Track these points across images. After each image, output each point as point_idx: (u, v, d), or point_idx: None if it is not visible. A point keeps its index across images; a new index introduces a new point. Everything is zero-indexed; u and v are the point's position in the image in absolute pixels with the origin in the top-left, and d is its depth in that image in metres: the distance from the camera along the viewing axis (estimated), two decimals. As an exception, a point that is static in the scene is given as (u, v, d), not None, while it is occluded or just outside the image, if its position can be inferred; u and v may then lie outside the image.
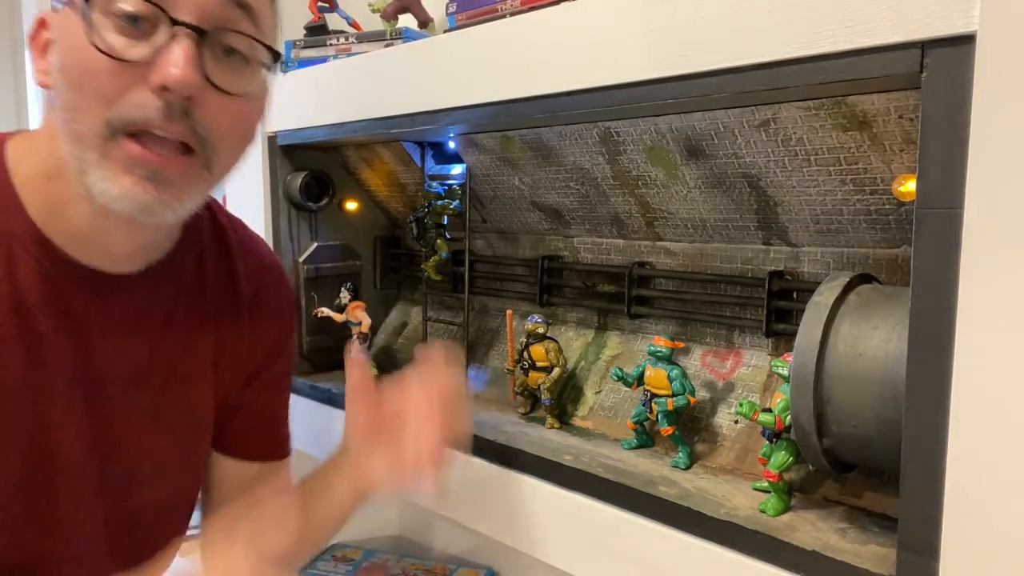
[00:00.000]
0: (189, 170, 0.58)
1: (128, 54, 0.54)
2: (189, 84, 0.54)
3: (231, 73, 0.58)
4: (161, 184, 0.56)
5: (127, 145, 0.55)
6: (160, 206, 0.57)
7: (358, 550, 1.26)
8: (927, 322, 0.48)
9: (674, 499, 0.65)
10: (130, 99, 0.54)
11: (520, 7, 0.78)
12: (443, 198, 1.00)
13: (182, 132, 0.56)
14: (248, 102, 0.61)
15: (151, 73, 0.54)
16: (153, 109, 0.54)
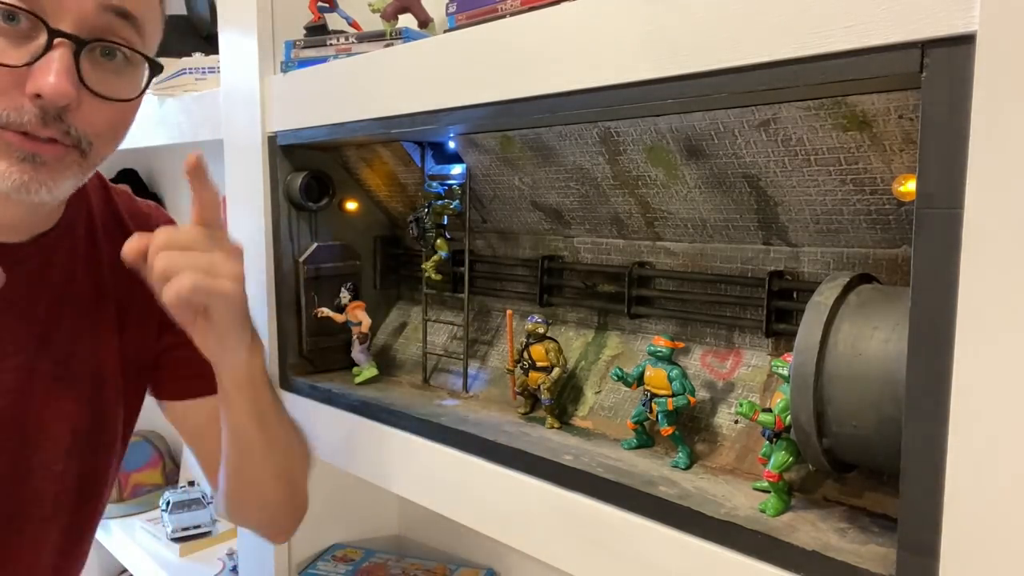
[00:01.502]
0: (64, 155, 0.60)
1: (5, 58, 0.56)
2: (64, 95, 0.56)
3: (110, 76, 0.60)
4: (37, 166, 0.59)
5: (4, 134, 0.57)
6: (36, 185, 0.59)
7: (358, 550, 1.27)
8: (927, 322, 0.48)
9: (674, 499, 0.65)
10: (7, 101, 0.56)
11: (520, 7, 0.78)
12: (443, 198, 1.00)
13: (56, 133, 0.59)
14: (125, 104, 0.63)
15: (27, 79, 0.56)
16: (29, 114, 0.57)
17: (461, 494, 0.84)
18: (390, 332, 1.19)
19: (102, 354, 0.75)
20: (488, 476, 0.80)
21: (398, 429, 0.92)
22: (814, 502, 0.66)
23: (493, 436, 0.82)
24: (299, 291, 1.09)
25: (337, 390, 1.03)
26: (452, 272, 1.06)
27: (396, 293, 1.22)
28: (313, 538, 1.25)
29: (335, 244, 1.13)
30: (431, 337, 1.08)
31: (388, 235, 1.20)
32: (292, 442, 0.81)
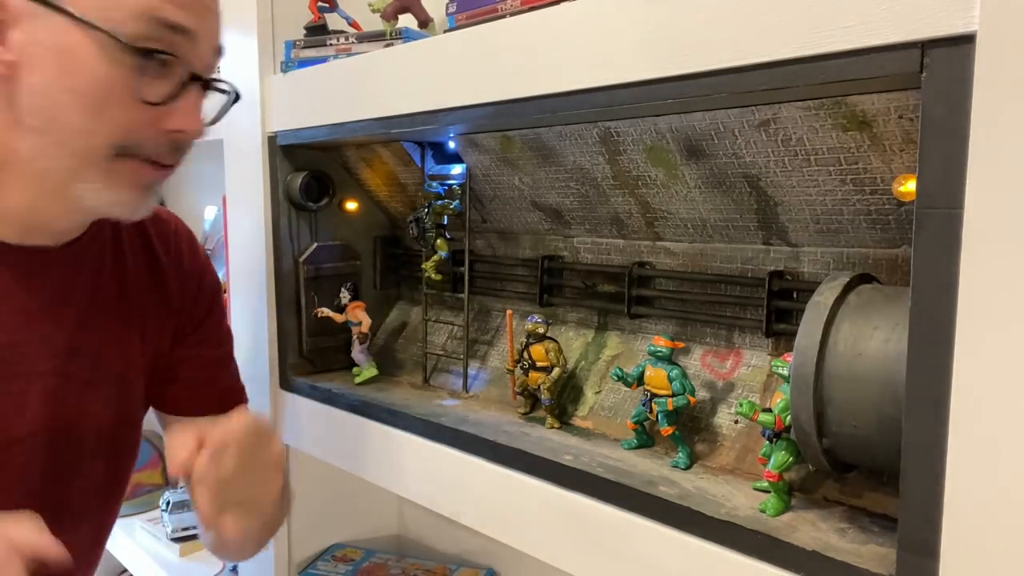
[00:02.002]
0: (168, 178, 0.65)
1: (150, 95, 0.59)
2: (202, 133, 0.63)
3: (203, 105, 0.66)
4: (152, 193, 0.64)
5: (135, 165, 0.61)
6: (144, 208, 0.64)
7: (358, 550, 1.27)
8: (927, 322, 0.48)
9: (674, 499, 0.65)
10: (143, 133, 0.60)
11: (520, 7, 0.78)
12: (443, 198, 1.00)
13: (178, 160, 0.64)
14: None
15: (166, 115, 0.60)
16: (165, 147, 0.61)
17: (461, 494, 0.84)
18: (390, 332, 1.19)
19: (127, 357, 0.76)
20: (488, 476, 0.80)
21: (398, 429, 0.92)
22: (814, 502, 0.66)
23: (493, 436, 0.82)
24: (299, 291, 1.09)
25: (337, 390, 1.03)
26: (452, 272, 1.06)
27: (396, 293, 1.22)
28: (313, 538, 1.25)
29: (335, 244, 1.13)
30: (431, 337, 1.08)
31: (388, 235, 1.20)
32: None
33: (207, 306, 0.85)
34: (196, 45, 0.61)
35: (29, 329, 0.67)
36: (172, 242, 0.82)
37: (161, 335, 0.80)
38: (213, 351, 0.86)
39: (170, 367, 0.81)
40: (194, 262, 0.85)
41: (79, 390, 0.71)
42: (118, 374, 0.75)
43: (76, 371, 0.70)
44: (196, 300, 0.83)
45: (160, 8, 0.58)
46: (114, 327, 0.74)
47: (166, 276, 0.80)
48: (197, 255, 0.86)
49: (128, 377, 0.76)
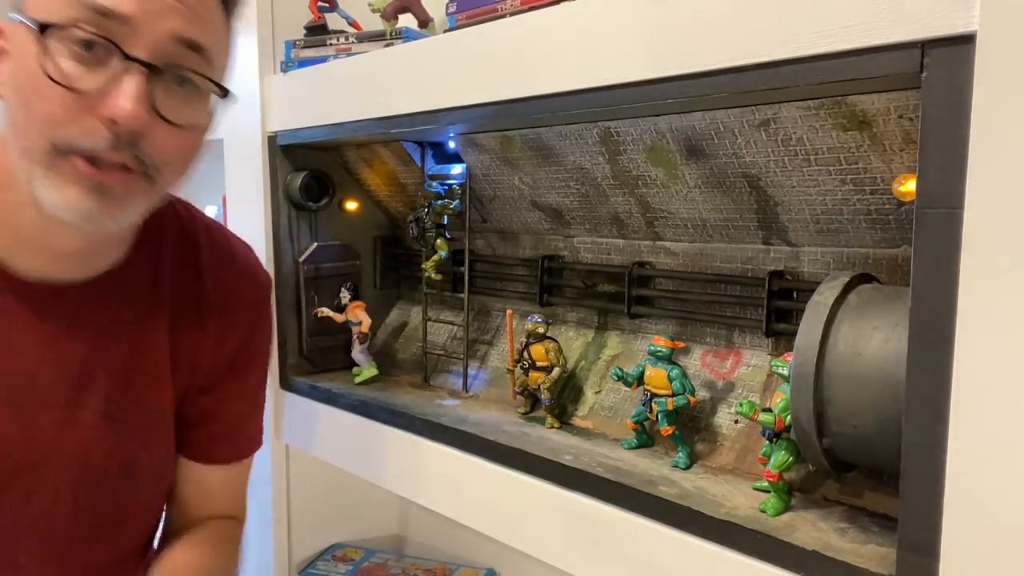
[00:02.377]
0: (132, 184, 0.60)
1: (79, 84, 0.56)
2: (137, 120, 0.56)
3: (181, 103, 0.60)
4: (104, 195, 0.58)
5: (74, 161, 0.57)
6: (102, 215, 0.59)
7: (358, 550, 1.27)
8: (927, 322, 0.48)
9: (674, 499, 0.65)
10: (79, 125, 0.56)
11: (520, 7, 0.78)
12: (443, 198, 1.00)
13: (127, 159, 0.58)
14: (195, 131, 0.63)
15: (101, 104, 0.56)
16: (101, 138, 0.56)
17: (461, 494, 0.84)
18: (390, 332, 1.19)
19: (152, 391, 0.73)
20: (488, 476, 0.80)
21: (398, 429, 0.92)
22: (814, 502, 0.66)
23: (493, 436, 0.82)
24: (299, 291, 1.09)
25: (337, 390, 1.03)
26: (452, 272, 1.06)
27: (396, 293, 1.22)
28: (313, 538, 1.25)
29: (335, 244, 1.13)
30: (431, 337, 1.08)
31: (388, 235, 1.20)
32: None
33: (252, 358, 0.81)
34: (136, 31, 0.56)
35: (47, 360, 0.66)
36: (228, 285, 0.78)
37: (191, 380, 0.77)
38: (249, 403, 0.83)
39: (197, 412, 0.78)
40: (250, 308, 0.80)
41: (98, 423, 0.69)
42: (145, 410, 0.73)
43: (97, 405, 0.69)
44: (243, 350, 0.79)
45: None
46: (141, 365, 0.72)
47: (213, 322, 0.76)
48: (256, 301, 0.81)
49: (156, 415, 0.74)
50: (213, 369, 0.77)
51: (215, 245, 0.79)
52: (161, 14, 0.58)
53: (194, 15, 0.60)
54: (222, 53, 0.65)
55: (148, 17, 0.57)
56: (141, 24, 0.57)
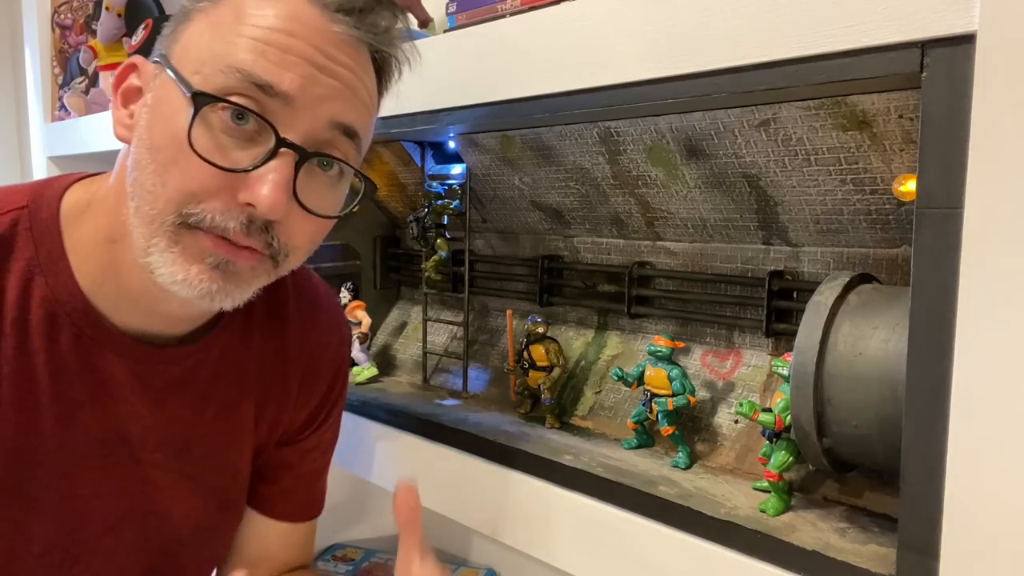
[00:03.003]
0: (258, 265, 0.56)
1: (228, 159, 0.52)
2: (278, 209, 0.52)
3: (321, 189, 0.57)
4: (228, 275, 0.55)
5: (201, 237, 0.53)
6: (221, 295, 0.55)
7: (358, 550, 1.27)
8: (927, 322, 0.48)
9: (674, 499, 0.65)
10: (215, 203, 0.52)
11: (520, 7, 0.78)
12: (443, 198, 1.00)
13: (257, 243, 0.55)
14: (328, 220, 0.59)
15: (242, 182, 0.52)
16: (235, 221, 0.53)
17: (461, 494, 0.84)
18: (390, 332, 1.19)
19: (235, 452, 0.71)
20: (488, 476, 0.80)
21: (398, 429, 0.92)
22: (814, 502, 0.66)
23: (493, 436, 0.82)
24: (299, 291, 1.09)
25: (337, 390, 1.03)
26: (452, 272, 1.06)
27: (396, 293, 1.22)
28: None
29: (335, 244, 1.13)
30: (431, 337, 1.08)
31: (388, 235, 1.20)
32: None
33: (332, 407, 0.78)
34: (296, 112, 0.53)
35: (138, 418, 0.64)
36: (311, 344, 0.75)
37: (272, 434, 0.74)
38: (318, 460, 0.80)
39: (270, 466, 0.76)
40: (332, 363, 0.77)
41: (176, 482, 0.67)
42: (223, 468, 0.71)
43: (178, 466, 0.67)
44: (326, 398, 0.77)
45: (251, 63, 0.51)
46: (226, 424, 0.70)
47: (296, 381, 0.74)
48: (336, 359, 0.78)
49: (234, 472, 0.72)
50: (293, 425, 0.75)
51: (302, 295, 0.75)
52: (323, 98, 0.54)
53: (354, 97, 0.56)
54: (369, 136, 0.62)
55: (310, 100, 0.53)
56: (301, 106, 0.53)
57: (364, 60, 0.57)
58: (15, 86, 2.25)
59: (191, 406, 0.67)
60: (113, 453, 0.63)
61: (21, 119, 2.24)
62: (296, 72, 0.52)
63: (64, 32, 1.77)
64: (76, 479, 0.61)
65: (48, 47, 1.83)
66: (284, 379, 0.73)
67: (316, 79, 0.53)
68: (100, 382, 0.61)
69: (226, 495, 0.72)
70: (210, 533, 0.72)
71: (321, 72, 0.53)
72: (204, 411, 0.68)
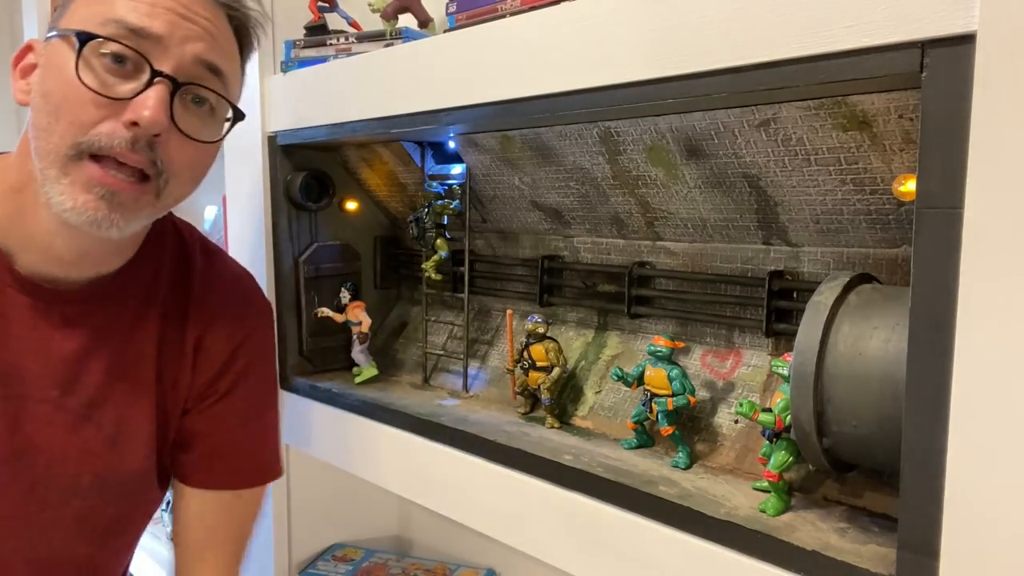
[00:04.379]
0: (141, 196, 0.64)
1: (110, 91, 0.61)
2: (158, 124, 0.62)
3: (196, 120, 0.66)
4: (113, 204, 0.62)
5: (89, 167, 0.61)
6: (107, 223, 0.63)
7: (358, 550, 1.27)
8: (927, 322, 0.48)
9: (674, 499, 0.65)
10: (101, 128, 0.61)
11: (520, 7, 0.78)
12: (443, 198, 1.00)
13: (143, 161, 0.63)
14: (205, 147, 0.69)
15: (125, 109, 0.61)
16: (121, 139, 0.61)
17: (461, 494, 0.84)
18: (390, 332, 1.19)
19: (134, 403, 0.74)
20: (488, 476, 0.80)
21: (398, 429, 0.92)
22: (814, 502, 0.66)
23: (493, 436, 0.82)
24: (299, 291, 1.09)
25: (337, 390, 1.03)
26: (452, 272, 1.06)
27: (396, 293, 1.22)
28: (313, 538, 1.25)
29: (335, 244, 1.13)
30: (431, 337, 1.08)
31: (388, 235, 1.20)
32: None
33: (237, 377, 0.80)
34: (165, 49, 0.63)
35: (38, 355, 0.68)
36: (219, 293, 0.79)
37: (175, 392, 0.77)
38: (236, 432, 0.81)
39: (184, 433, 0.79)
40: (239, 323, 0.80)
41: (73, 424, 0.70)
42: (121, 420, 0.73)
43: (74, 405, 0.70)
44: (226, 367, 0.79)
45: (125, 14, 0.62)
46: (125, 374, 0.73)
47: (194, 330, 0.77)
48: (246, 316, 0.81)
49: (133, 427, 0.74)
50: (193, 391, 0.78)
51: (210, 267, 0.81)
52: (188, 37, 0.64)
53: (215, 43, 0.67)
54: (236, 82, 0.72)
55: (176, 38, 0.63)
56: (169, 44, 0.63)
57: (220, 18, 0.68)
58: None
59: (86, 347, 0.71)
60: (8, 386, 0.67)
61: (21, 119, 2.24)
62: (163, 19, 0.63)
63: (64, 32, 1.77)
64: None
65: (48, 47, 1.83)
66: (182, 341, 0.77)
67: (180, 24, 0.64)
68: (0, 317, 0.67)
69: (125, 445, 0.74)
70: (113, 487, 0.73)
71: (184, 19, 0.64)
72: (100, 355, 0.71)
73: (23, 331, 0.68)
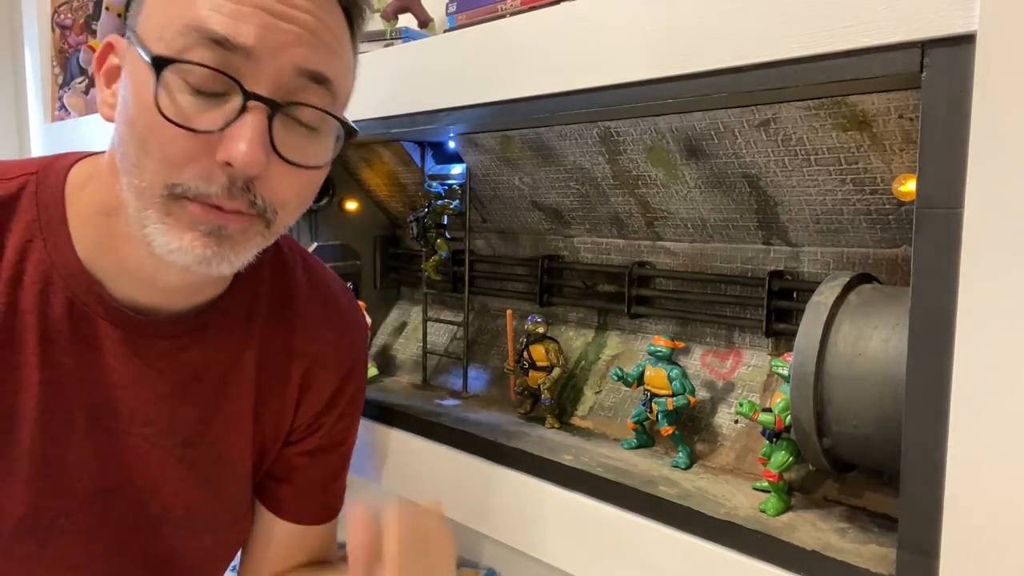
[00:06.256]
0: (249, 227, 0.56)
1: (196, 123, 0.52)
2: (255, 165, 0.52)
3: (301, 142, 0.56)
4: (221, 239, 0.55)
5: (189, 206, 0.54)
6: (218, 260, 0.55)
7: (358, 550, 1.26)
8: (927, 322, 0.48)
9: (674, 499, 0.65)
10: (194, 168, 0.53)
11: (520, 7, 0.78)
12: (443, 198, 1.00)
13: (243, 205, 0.55)
14: (313, 171, 0.59)
15: (219, 144, 0.52)
16: (216, 184, 0.53)
17: (461, 494, 0.84)
18: (390, 332, 1.19)
19: (232, 443, 0.70)
20: (488, 476, 0.80)
21: (398, 429, 0.92)
22: (814, 502, 0.66)
23: (493, 436, 0.82)
24: (299, 291, 1.09)
25: (337, 390, 1.03)
26: (452, 272, 1.06)
27: (396, 293, 1.22)
28: (313, 538, 1.25)
29: (335, 244, 1.13)
30: (431, 337, 1.08)
31: (388, 235, 1.20)
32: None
33: (343, 410, 0.76)
34: (259, 63, 0.52)
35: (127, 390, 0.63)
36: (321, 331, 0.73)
37: (277, 428, 0.72)
38: (333, 463, 0.77)
39: (281, 466, 0.74)
40: (346, 352, 0.75)
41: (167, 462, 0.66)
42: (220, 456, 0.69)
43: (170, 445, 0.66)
44: (334, 400, 0.74)
45: (205, 19, 0.50)
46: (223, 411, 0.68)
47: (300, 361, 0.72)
48: (352, 342, 0.76)
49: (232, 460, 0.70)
50: (299, 424, 0.73)
51: (314, 289, 0.74)
52: (284, 45, 0.53)
53: (319, 42, 0.55)
54: (346, 81, 0.61)
55: (270, 49, 0.52)
56: (262, 56, 0.52)
57: (326, 2, 0.56)
58: (15, 86, 2.25)
59: (182, 384, 0.65)
60: (100, 422, 0.62)
61: (21, 119, 2.24)
62: (252, 22, 0.51)
63: (64, 32, 1.77)
64: (59, 445, 0.61)
65: (48, 47, 1.83)
66: (286, 375, 0.71)
67: (274, 27, 0.52)
68: (90, 349, 0.61)
69: (222, 486, 0.70)
70: (205, 523, 0.70)
71: (278, 19, 0.52)
72: (196, 392, 0.66)
73: (116, 364, 0.62)
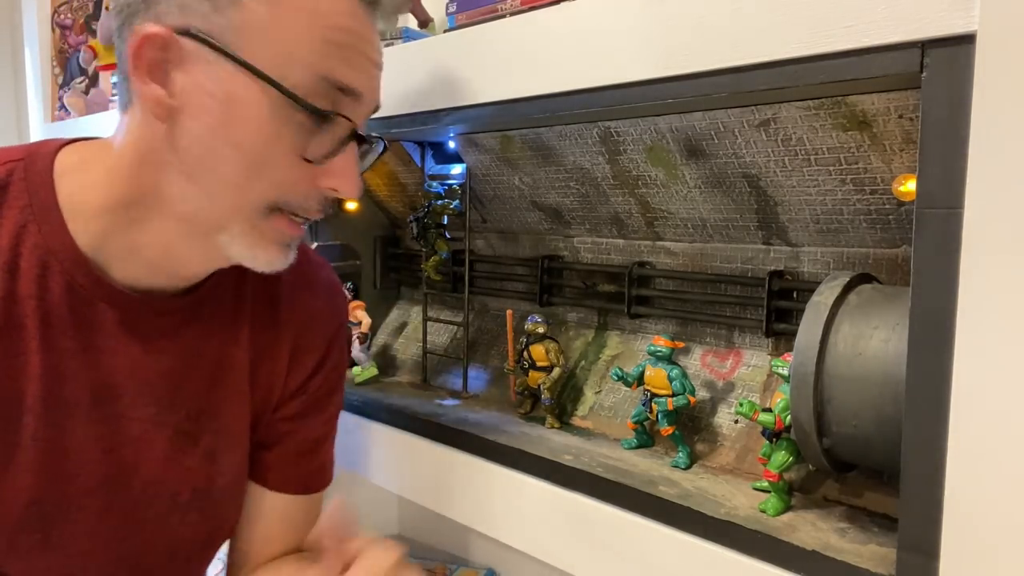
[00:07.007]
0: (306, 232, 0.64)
1: (310, 152, 0.57)
2: (359, 193, 0.60)
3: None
4: (293, 248, 0.62)
5: (278, 219, 0.59)
6: (282, 263, 0.62)
7: (358, 550, 1.26)
8: (927, 322, 0.48)
9: (674, 499, 0.65)
10: (300, 190, 0.58)
11: (520, 7, 0.78)
12: (443, 198, 1.00)
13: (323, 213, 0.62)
14: None
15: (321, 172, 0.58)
16: (316, 204, 0.60)
17: (461, 494, 0.84)
18: (390, 332, 1.19)
19: (233, 416, 0.71)
20: (488, 476, 0.80)
21: (398, 429, 0.92)
22: (814, 502, 0.66)
23: (493, 436, 0.82)
24: (299, 291, 1.09)
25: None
26: (452, 272, 1.06)
27: (396, 293, 1.22)
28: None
29: (335, 244, 1.13)
30: (431, 337, 1.08)
31: (388, 235, 1.20)
32: None
33: (328, 373, 0.78)
34: (361, 105, 0.59)
35: (129, 372, 0.64)
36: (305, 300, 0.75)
37: (266, 401, 0.74)
38: (317, 429, 0.78)
39: (267, 434, 0.76)
40: (327, 329, 0.77)
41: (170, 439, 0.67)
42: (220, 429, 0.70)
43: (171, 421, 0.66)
44: (320, 365, 0.76)
45: (335, 70, 0.56)
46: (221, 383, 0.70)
47: (290, 337, 0.74)
48: (334, 323, 0.78)
49: (231, 433, 0.71)
50: (286, 392, 0.75)
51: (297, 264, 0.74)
52: (375, 89, 0.61)
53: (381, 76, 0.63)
54: None
55: (370, 94, 0.60)
56: (365, 101, 0.59)
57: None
58: (15, 86, 2.25)
59: (183, 360, 0.67)
60: (104, 404, 0.63)
61: (21, 119, 2.24)
62: (366, 73, 0.59)
63: (64, 32, 1.77)
64: (65, 430, 0.61)
65: (48, 47, 1.83)
66: (276, 344, 0.73)
67: (375, 76, 0.60)
68: (91, 332, 0.62)
69: (224, 457, 0.71)
70: (209, 501, 0.71)
71: (376, 68, 0.60)
72: (197, 366, 0.68)
73: (118, 345, 0.63)
